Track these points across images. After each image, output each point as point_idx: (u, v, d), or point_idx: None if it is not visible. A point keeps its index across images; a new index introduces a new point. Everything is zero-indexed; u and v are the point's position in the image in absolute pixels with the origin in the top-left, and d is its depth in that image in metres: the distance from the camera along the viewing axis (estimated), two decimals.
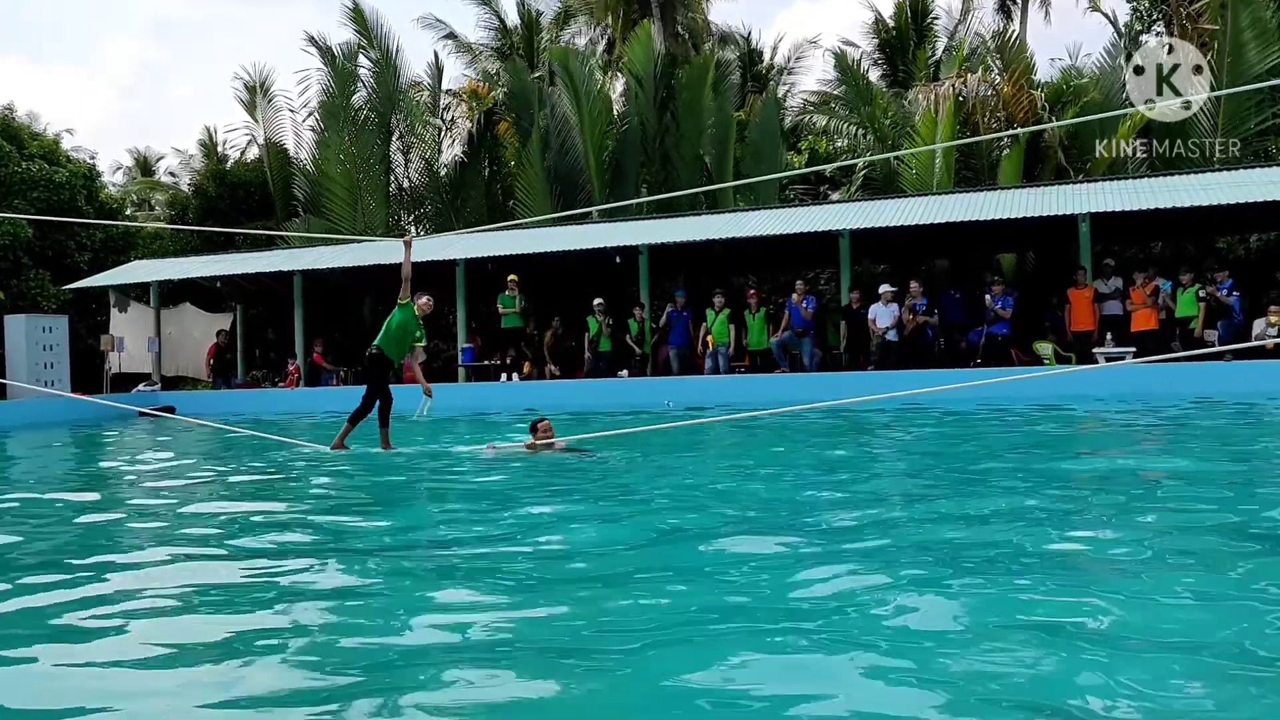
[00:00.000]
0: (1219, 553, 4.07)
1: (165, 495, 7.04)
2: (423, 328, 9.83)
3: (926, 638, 3.02)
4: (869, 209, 18.50)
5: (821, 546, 4.41)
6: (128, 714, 2.63)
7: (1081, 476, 6.87)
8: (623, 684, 2.75)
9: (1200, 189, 16.10)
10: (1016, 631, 3.04)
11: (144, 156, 36.44)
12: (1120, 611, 3.18)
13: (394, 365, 9.86)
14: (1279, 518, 4.78)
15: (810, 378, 16.25)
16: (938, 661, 2.79)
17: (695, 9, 29.92)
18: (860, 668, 2.74)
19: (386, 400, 9.71)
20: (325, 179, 26.10)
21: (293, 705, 2.64)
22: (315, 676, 2.87)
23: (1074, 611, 3.21)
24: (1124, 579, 3.66)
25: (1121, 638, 2.94)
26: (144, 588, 3.98)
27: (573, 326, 19.54)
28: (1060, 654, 2.80)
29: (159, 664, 3.02)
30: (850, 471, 7.42)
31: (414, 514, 6.16)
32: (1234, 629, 3.03)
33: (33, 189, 23.51)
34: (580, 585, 3.90)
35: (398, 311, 9.55)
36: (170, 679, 2.91)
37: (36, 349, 18.74)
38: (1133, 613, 3.19)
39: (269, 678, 2.86)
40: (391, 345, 9.63)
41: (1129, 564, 3.91)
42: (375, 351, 9.65)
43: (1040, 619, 3.17)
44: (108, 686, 2.85)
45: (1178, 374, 13.64)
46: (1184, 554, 4.04)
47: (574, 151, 25.16)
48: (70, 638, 3.33)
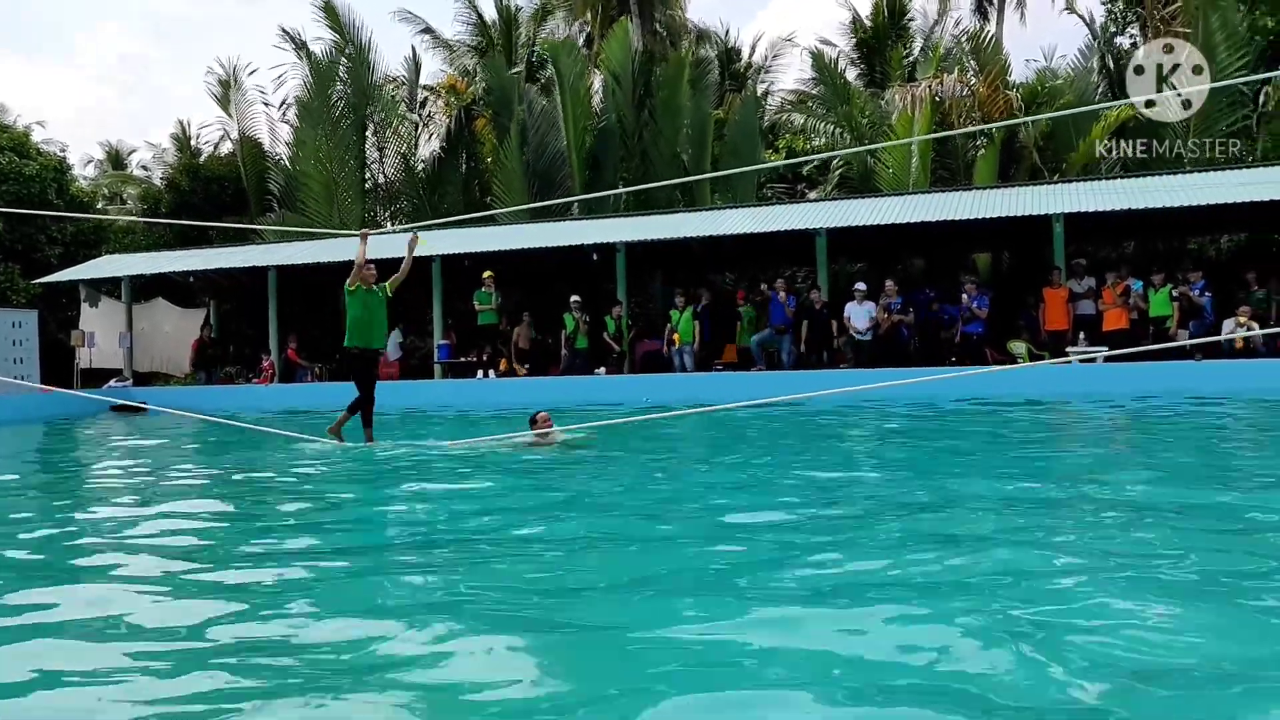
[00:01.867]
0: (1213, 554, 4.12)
1: (158, 491, 6.97)
2: (382, 291, 9.53)
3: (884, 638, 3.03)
4: (845, 208, 18.58)
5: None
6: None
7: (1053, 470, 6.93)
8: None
9: (1172, 190, 16.29)
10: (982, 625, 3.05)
11: (115, 150, 36.01)
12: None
13: (372, 353, 9.62)
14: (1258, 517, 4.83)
15: (792, 376, 16.17)
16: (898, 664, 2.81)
17: (673, 6, 29.93)
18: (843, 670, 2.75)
19: (368, 399, 9.59)
20: (300, 174, 25.92)
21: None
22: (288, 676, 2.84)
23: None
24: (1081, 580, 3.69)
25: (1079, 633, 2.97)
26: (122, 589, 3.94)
27: (548, 323, 19.49)
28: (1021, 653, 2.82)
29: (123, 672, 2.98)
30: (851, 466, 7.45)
31: (393, 508, 6.14)
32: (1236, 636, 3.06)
33: (2, 182, 23.20)
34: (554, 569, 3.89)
35: (347, 300, 9.42)
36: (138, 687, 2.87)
37: (6, 344, 18.51)
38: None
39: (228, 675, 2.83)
40: (358, 335, 9.45)
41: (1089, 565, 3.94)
42: (351, 350, 9.50)
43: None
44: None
45: (1149, 373, 13.82)
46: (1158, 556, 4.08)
47: (552, 148, 25.11)
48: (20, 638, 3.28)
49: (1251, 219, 17.87)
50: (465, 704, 2.61)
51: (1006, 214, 16.31)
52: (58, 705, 2.71)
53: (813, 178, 26.26)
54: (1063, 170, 22.06)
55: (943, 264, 21.99)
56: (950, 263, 21.83)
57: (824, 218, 17.81)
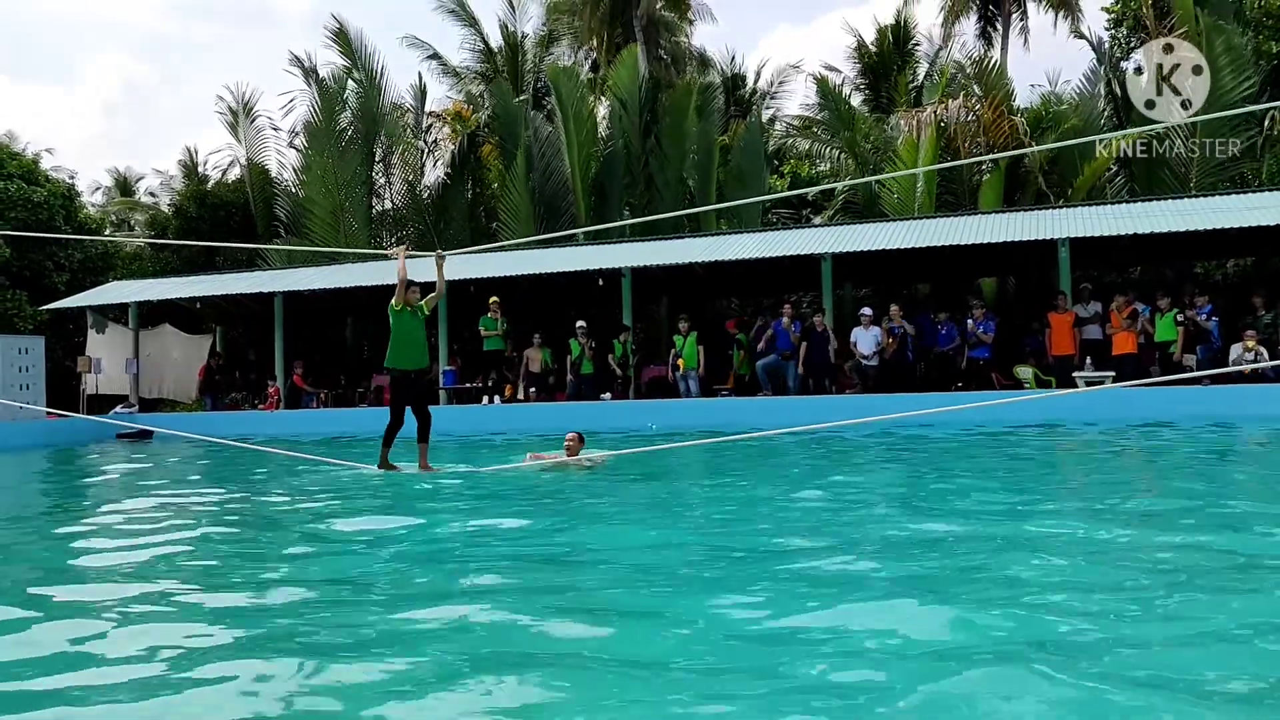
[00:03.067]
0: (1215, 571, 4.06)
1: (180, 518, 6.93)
2: (420, 311, 9.40)
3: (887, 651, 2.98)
4: (851, 233, 18.58)
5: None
6: None
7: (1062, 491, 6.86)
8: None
9: (1178, 214, 16.26)
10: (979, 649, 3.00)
11: (124, 176, 36.22)
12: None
13: (418, 373, 9.36)
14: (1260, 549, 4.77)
15: (801, 401, 16.10)
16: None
17: (678, 33, 30.12)
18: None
19: (425, 417, 9.35)
20: (307, 200, 26.05)
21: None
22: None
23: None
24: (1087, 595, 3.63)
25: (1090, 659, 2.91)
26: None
27: (554, 349, 19.45)
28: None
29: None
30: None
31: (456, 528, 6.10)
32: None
33: (10, 209, 23.34)
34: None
35: (392, 320, 9.25)
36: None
37: (12, 370, 18.53)
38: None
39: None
40: (401, 356, 9.23)
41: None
42: (394, 371, 9.28)
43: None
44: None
45: (1156, 397, 13.72)
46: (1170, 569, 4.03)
47: (558, 174, 25.20)
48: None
49: (1258, 243, 17.83)
50: None
51: (1012, 239, 16.28)
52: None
53: (818, 203, 26.29)
54: (1068, 195, 22.06)
55: (948, 289, 21.96)
56: (956, 287, 21.80)
57: (829, 243, 17.81)
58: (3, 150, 25.22)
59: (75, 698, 2.97)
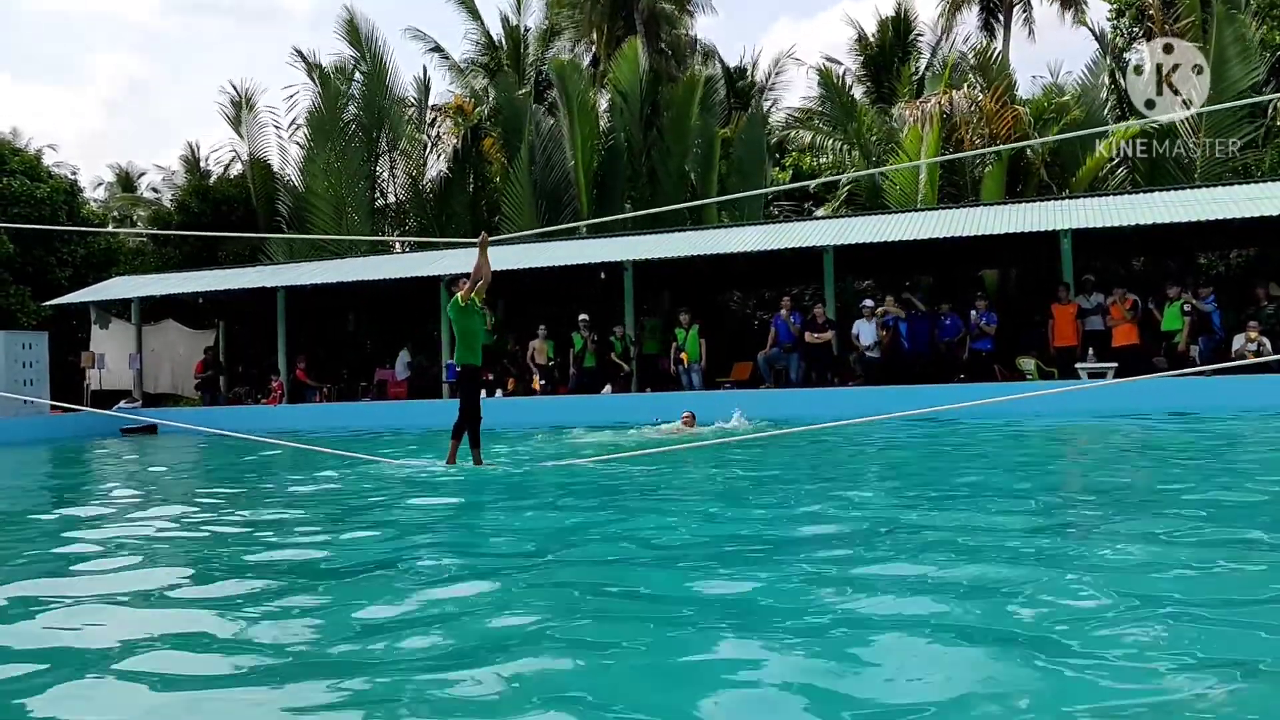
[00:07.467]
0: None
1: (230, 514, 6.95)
2: (481, 311, 9.36)
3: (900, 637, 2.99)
4: (853, 225, 18.54)
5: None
6: None
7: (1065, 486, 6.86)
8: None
9: (1181, 205, 16.20)
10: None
11: (126, 172, 36.26)
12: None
13: (478, 369, 9.35)
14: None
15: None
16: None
17: (679, 26, 30.07)
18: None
19: (476, 417, 9.26)
20: (310, 194, 26.05)
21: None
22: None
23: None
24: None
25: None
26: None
27: (558, 342, 19.44)
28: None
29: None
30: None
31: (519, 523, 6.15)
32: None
33: (13, 205, 23.36)
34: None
35: (456, 314, 9.13)
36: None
37: (16, 365, 18.58)
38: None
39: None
40: (475, 351, 9.18)
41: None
42: (466, 368, 9.21)
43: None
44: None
45: (1160, 389, 13.68)
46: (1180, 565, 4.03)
47: (560, 167, 25.20)
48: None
49: (1261, 234, 17.77)
50: None
51: (1014, 230, 16.25)
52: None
53: (820, 195, 26.26)
54: (1070, 186, 22.01)
55: (951, 281, 21.93)
56: (958, 279, 21.77)
57: (831, 235, 17.78)
58: (5, 147, 25.24)
59: (81, 696, 2.99)
